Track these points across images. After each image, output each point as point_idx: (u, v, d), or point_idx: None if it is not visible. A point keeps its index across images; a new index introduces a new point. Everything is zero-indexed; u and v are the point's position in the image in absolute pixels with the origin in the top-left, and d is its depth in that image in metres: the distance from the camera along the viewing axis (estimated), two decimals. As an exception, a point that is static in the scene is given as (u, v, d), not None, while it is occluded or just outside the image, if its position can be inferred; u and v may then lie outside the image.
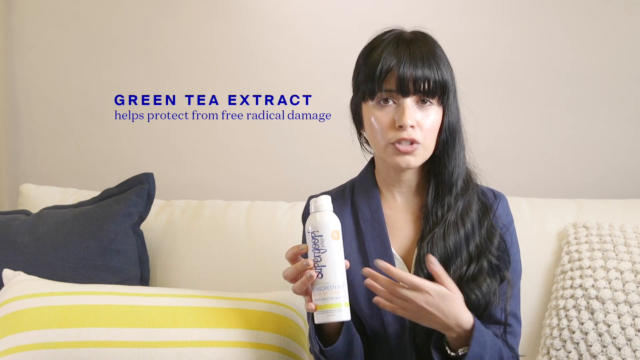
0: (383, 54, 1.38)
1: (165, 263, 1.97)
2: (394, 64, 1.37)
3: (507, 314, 1.43)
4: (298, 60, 2.29)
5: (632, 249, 1.76)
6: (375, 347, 1.45)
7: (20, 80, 2.41)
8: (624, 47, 2.17)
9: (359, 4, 2.26)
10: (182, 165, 2.35)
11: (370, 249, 1.44)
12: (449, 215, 1.42)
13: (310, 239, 1.30)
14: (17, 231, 1.86)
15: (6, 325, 1.55)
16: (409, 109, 1.36)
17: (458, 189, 1.43)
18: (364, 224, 1.46)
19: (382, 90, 1.38)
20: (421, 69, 1.36)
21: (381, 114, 1.39)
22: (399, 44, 1.39)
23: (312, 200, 1.32)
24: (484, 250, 1.42)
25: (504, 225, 1.47)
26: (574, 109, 2.20)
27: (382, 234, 1.45)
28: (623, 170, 2.19)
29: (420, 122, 1.38)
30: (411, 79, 1.36)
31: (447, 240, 1.41)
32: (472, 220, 1.43)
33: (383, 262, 1.29)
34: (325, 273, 1.28)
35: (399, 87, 1.36)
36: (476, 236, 1.42)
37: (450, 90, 1.40)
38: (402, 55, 1.37)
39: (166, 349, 1.55)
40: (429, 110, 1.39)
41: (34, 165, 2.43)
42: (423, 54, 1.37)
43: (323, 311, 1.29)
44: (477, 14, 2.22)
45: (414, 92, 1.37)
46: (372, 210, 1.47)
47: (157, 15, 2.33)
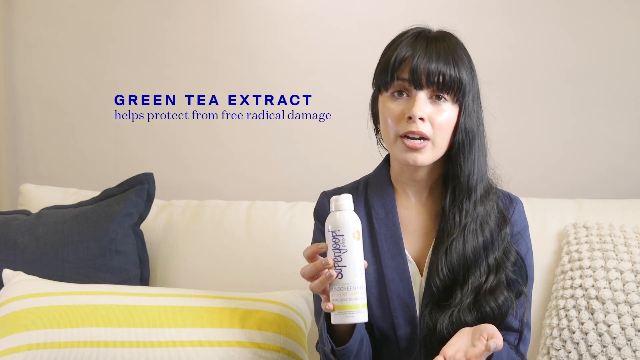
0: (400, 47, 1.37)
1: (165, 263, 1.97)
2: (409, 55, 1.35)
3: (523, 325, 1.40)
4: (298, 60, 2.29)
5: (632, 249, 1.76)
6: (383, 348, 1.44)
7: (20, 80, 2.41)
8: (624, 47, 2.17)
9: (359, 4, 2.26)
10: (182, 165, 2.35)
11: (384, 249, 1.42)
12: (467, 222, 1.38)
13: (331, 238, 1.27)
14: (17, 231, 1.86)
15: (6, 325, 1.55)
16: (420, 100, 1.35)
17: (477, 196, 1.40)
18: (377, 223, 1.44)
19: (394, 80, 1.36)
20: (436, 62, 1.34)
21: (393, 105, 1.37)
22: (418, 38, 1.38)
23: (332, 199, 1.29)
24: (502, 264, 1.39)
25: (518, 232, 1.45)
26: (574, 109, 2.20)
27: (396, 235, 1.43)
28: (623, 170, 2.19)
29: (431, 117, 1.36)
30: (424, 71, 1.34)
31: (466, 248, 1.38)
32: (491, 229, 1.40)
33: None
34: (345, 273, 1.26)
35: (412, 77, 1.34)
36: (496, 247, 1.39)
37: (467, 90, 1.37)
38: (418, 48, 1.35)
39: (166, 348, 1.55)
40: (442, 106, 1.36)
41: (34, 165, 2.42)
42: (440, 50, 1.36)
43: (341, 312, 1.27)
44: (478, 14, 2.22)
45: (427, 85, 1.35)
46: (386, 209, 1.45)
47: (157, 15, 2.33)
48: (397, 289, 1.41)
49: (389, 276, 1.40)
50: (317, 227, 1.52)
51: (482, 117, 1.42)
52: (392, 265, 1.41)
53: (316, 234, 1.53)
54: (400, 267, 1.41)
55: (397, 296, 1.40)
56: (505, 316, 1.37)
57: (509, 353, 1.36)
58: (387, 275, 1.38)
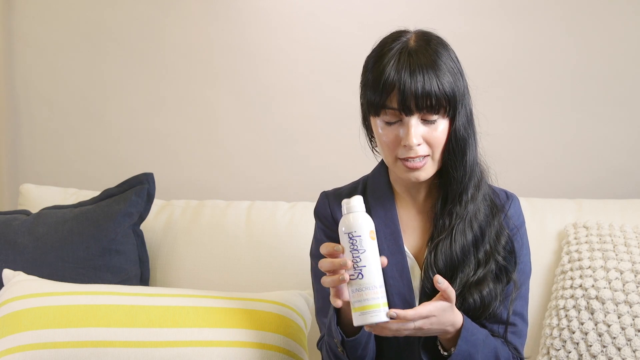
0: (385, 69, 1.34)
1: (165, 263, 1.97)
2: (395, 80, 1.33)
3: (509, 314, 1.43)
4: (298, 60, 2.29)
5: (632, 249, 1.76)
6: (383, 342, 1.45)
7: (20, 80, 2.41)
8: (624, 47, 2.17)
9: (359, 4, 2.26)
10: (182, 165, 2.35)
11: (383, 246, 1.43)
12: (456, 223, 1.41)
13: (347, 239, 1.28)
14: (17, 231, 1.86)
15: (6, 325, 1.55)
16: (413, 127, 1.35)
17: (468, 197, 1.42)
18: (377, 222, 1.43)
19: (385, 108, 1.35)
20: (422, 84, 1.32)
21: (386, 131, 1.37)
22: (401, 55, 1.35)
23: (344, 202, 1.30)
24: (492, 253, 1.42)
25: (515, 227, 1.47)
26: (575, 109, 2.20)
27: (395, 232, 1.45)
28: (623, 170, 2.19)
29: (426, 137, 1.36)
30: (412, 97, 1.33)
31: (453, 248, 1.40)
32: (480, 223, 1.43)
33: (393, 312, 1.27)
34: (366, 273, 1.26)
35: (402, 106, 1.33)
36: (486, 240, 1.42)
37: (457, 101, 1.36)
38: (402, 69, 1.33)
39: (166, 348, 1.55)
40: (435, 124, 1.36)
41: (34, 165, 2.42)
42: (424, 66, 1.33)
43: (363, 312, 1.26)
44: (478, 14, 2.22)
45: (416, 110, 1.34)
46: (385, 208, 1.47)
47: (158, 15, 2.33)
48: (397, 285, 1.43)
49: (388, 273, 1.40)
50: (318, 227, 1.54)
51: (471, 113, 1.42)
52: (391, 262, 1.42)
53: (317, 233, 1.54)
54: (399, 263, 1.44)
55: (397, 292, 1.42)
56: (488, 308, 1.40)
57: (487, 339, 1.39)
58: (387, 272, 1.38)
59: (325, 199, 1.53)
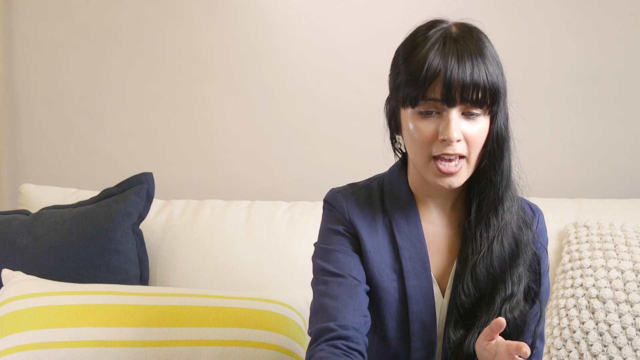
0: (429, 55, 1.21)
1: (165, 263, 1.97)
2: (440, 68, 1.20)
3: (535, 337, 1.30)
4: (298, 60, 2.29)
5: (633, 248, 1.76)
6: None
7: (20, 80, 2.41)
8: (625, 47, 2.17)
9: (359, 4, 2.26)
10: (182, 165, 2.35)
11: (408, 268, 1.30)
12: (494, 235, 1.27)
13: None
14: (17, 231, 1.85)
15: (5, 325, 1.55)
16: (455, 120, 1.21)
17: (504, 208, 1.28)
18: (400, 237, 1.31)
19: (425, 99, 1.21)
20: (470, 74, 1.20)
21: (423, 124, 1.23)
22: (446, 42, 1.22)
23: None
24: (523, 271, 1.29)
25: (541, 245, 1.34)
26: (575, 109, 2.20)
27: (422, 253, 1.30)
28: (623, 170, 2.19)
29: (466, 134, 1.23)
30: (458, 87, 1.19)
31: (493, 263, 1.27)
32: (514, 234, 1.29)
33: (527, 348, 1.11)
34: None
35: (445, 96, 1.20)
36: (520, 258, 1.28)
37: (500, 97, 1.24)
38: (449, 57, 1.20)
39: (166, 348, 1.55)
40: (476, 120, 1.23)
41: (34, 165, 2.42)
42: (472, 55, 1.21)
43: None
44: (478, 14, 2.19)
45: (460, 102, 1.21)
46: (410, 222, 1.31)
47: (157, 15, 2.33)
48: (419, 311, 1.30)
49: (412, 298, 1.29)
50: (330, 229, 1.34)
51: (508, 113, 1.29)
52: (416, 285, 1.30)
53: (330, 235, 1.34)
54: (424, 287, 1.30)
55: (418, 319, 1.30)
56: (523, 330, 1.28)
57: None
58: (410, 296, 1.28)
59: (342, 199, 1.34)
